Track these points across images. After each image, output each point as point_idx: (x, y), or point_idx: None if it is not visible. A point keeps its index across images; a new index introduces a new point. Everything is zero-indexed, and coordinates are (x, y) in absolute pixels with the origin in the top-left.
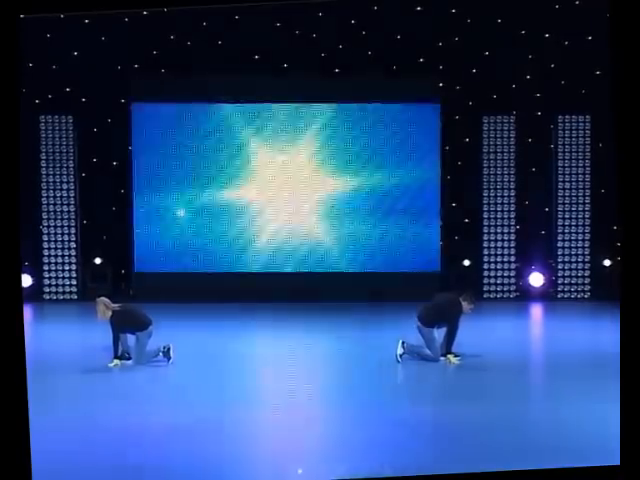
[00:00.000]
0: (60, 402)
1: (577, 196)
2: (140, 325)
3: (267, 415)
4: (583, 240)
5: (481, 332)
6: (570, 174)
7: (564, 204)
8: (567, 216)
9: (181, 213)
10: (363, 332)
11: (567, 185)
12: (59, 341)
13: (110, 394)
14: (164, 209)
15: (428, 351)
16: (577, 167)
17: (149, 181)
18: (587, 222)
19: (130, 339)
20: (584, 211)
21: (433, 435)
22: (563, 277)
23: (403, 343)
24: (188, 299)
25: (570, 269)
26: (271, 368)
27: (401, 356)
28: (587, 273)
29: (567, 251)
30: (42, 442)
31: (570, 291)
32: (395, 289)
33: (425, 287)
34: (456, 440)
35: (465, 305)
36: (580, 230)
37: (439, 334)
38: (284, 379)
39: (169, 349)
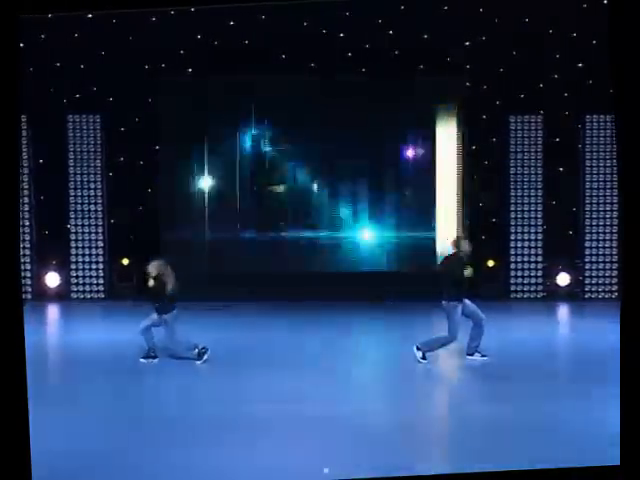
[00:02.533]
0: (87, 400)
1: (605, 196)
2: (166, 306)
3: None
4: (611, 240)
5: (508, 332)
6: (598, 174)
7: (592, 204)
8: (595, 216)
9: (209, 212)
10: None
11: (595, 185)
12: (87, 340)
13: (141, 393)
14: (191, 208)
15: (444, 334)
16: (605, 167)
17: (176, 180)
18: (615, 222)
19: (158, 333)
20: (612, 211)
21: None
22: (590, 277)
23: (417, 347)
24: (215, 298)
25: (597, 269)
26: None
27: (423, 357)
28: (614, 273)
29: (594, 251)
30: (67, 440)
31: (597, 291)
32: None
33: None
34: (466, 439)
35: (463, 247)
36: (608, 230)
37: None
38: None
39: (205, 352)
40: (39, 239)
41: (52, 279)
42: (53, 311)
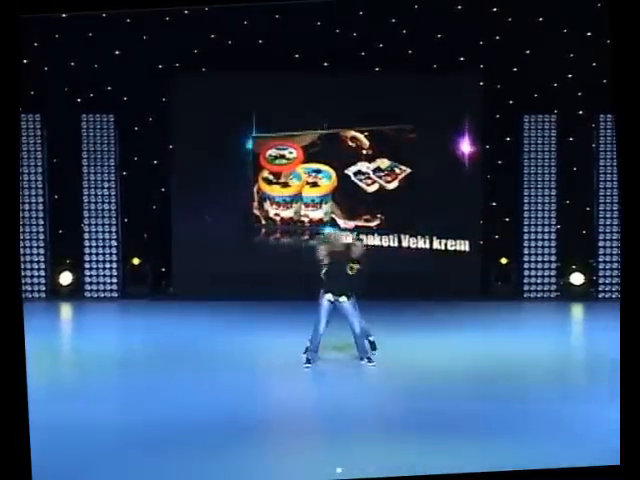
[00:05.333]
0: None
1: (619, 195)
2: None
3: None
4: None
5: (522, 332)
6: (612, 173)
7: (605, 203)
8: (608, 215)
9: (221, 212)
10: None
11: (609, 184)
12: (100, 339)
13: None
14: (205, 208)
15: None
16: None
17: (190, 180)
18: None
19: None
20: None
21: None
22: (604, 277)
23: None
24: (229, 297)
25: (612, 269)
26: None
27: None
28: None
29: (608, 250)
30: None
31: (611, 291)
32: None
33: None
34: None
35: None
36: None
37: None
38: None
39: (368, 360)
40: (53, 238)
41: (66, 278)
42: (66, 310)
